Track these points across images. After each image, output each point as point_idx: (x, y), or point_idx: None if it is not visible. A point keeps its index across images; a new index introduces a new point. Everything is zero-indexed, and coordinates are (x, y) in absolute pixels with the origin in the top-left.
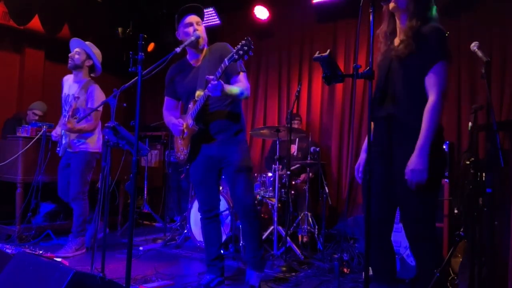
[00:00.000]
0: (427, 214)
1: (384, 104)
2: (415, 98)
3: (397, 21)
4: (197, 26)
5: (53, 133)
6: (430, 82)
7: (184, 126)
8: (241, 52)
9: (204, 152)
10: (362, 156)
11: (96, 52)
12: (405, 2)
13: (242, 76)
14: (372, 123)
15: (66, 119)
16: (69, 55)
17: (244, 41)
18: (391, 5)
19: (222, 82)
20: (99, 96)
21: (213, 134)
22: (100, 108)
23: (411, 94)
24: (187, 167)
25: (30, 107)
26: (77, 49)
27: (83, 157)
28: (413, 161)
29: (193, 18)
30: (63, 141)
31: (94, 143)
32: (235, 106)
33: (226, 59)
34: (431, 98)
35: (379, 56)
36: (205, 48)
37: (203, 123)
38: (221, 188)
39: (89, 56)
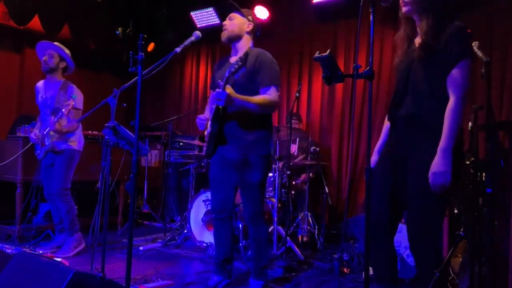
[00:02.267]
0: (436, 217)
1: (403, 104)
2: (437, 98)
3: (416, 23)
4: (227, 21)
5: (32, 135)
6: (452, 82)
7: (207, 123)
8: (236, 66)
9: (220, 152)
10: (374, 158)
11: (67, 52)
12: (416, 4)
13: (272, 90)
14: (387, 123)
15: (55, 120)
16: (43, 59)
17: (241, 56)
18: (403, 9)
19: (228, 92)
20: (79, 95)
21: (226, 137)
22: (81, 107)
23: (433, 94)
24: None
25: None
26: (50, 52)
27: (67, 155)
28: (437, 163)
29: (228, 16)
30: (46, 143)
31: (76, 142)
32: (257, 113)
33: (227, 71)
34: (452, 99)
35: (396, 58)
36: (246, 44)
37: (219, 124)
38: None
39: (62, 58)
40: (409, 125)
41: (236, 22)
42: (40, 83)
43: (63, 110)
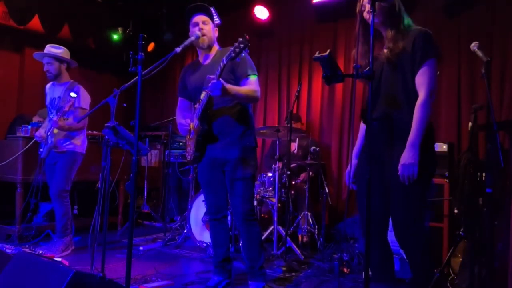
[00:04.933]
0: (415, 208)
1: (377, 106)
2: (408, 98)
3: (383, 33)
4: (203, 25)
5: (37, 133)
6: (420, 80)
7: (191, 126)
8: (237, 50)
9: (209, 153)
10: (354, 162)
11: (60, 51)
12: (383, 16)
13: (252, 79)
14: (363, 126)
15: (57, 117)
16: (44, 69)
17: (241, 39)
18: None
19: (222, 82)
20: (85, 95)
21: (216, 135)
22: (88, 108)
23: (404, 94)
24: (193, 166)
25: (38, 113)
26: (47, 60)
27: (70, 156)
28: (404, 156)
29: (199, 18)
30: (49, 141)
31: (80, 143)
32: (241, 106)
33: (224, 58)
34: (421, 96)
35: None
36: (216, 47)
37: (207, 123)
38: None
39: (61, 60)
40: (382, 126)
41: (209, 28)
42: (49, 85)
43: (65, 107)
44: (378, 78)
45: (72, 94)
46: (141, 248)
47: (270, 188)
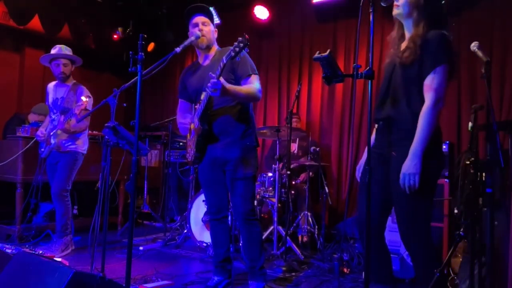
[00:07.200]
0: (419, 216)
1: (384, 106)
2: (413, 101)
3: (404, 27)
4: (202, 26)
5: (38, 133)
6: (427, 86)
7: (191, 126)
8: (237, 49)
9: (210, 153)
10: (364, 157)
11: (69, 52)
12: (408, 9)
13: (253, 78)
14: (375, 125)
15: (65, 119)
16: (61, 70)
17: (240, 38)
18: (394, 11)
19: (222, 82)
20: (90, 97)
21: (217, 135)
22: (90, 109)
23: (409, 97)
24: (193, 167)
25: (33, 110)
26: (63, 62)
27: (72, 157)
28: (406, 165)
29: (199, 19)
30: (52, 141)
31: (82, 143)
32: (242, 105)
33: (223, 57)
34: (427, 102)
35: (386, 59)
36: (215, 48)
37: (208, 123)
38: None
39: (73, 61)
40: (387, 127)
41: (209, 29)
42: (51, 85)
43: (75, 110)
44: (389, 77)
45: (84, 98)
46: (141, 248)
47: (270, 188)
